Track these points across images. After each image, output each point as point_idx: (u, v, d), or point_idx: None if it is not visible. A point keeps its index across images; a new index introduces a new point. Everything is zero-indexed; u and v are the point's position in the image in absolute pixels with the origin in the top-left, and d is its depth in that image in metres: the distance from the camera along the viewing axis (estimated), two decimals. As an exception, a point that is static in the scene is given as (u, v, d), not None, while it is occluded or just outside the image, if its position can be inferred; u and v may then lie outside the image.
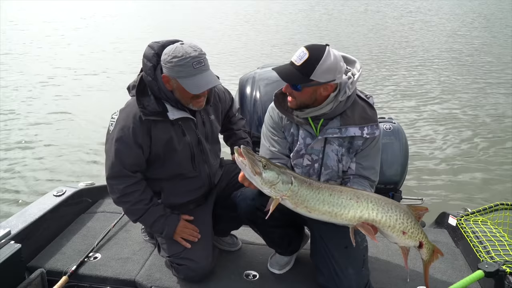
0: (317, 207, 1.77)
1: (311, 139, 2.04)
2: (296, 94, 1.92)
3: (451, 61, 11.42)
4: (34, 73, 9.93)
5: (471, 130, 6.60)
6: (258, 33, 15.96)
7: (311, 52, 1.83)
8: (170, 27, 17.28)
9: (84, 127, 6.69)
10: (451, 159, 5.64)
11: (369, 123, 2.00)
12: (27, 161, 5.58)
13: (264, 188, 1.73)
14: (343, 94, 1.92)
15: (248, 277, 2.35)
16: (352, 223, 1.80)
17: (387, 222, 1.78)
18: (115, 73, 9.83)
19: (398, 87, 8.82)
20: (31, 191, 4.80)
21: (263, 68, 3.55)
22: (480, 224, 2.69)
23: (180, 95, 2.07)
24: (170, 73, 1.99)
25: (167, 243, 2.28)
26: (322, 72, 1.83)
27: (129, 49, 12.38)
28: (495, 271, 2.06)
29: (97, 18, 20.12)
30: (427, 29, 17.06)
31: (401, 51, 12.62)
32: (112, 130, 2.11)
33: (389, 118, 3.28)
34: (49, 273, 2.33)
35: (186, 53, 1.95)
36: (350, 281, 2.07)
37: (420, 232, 1.84)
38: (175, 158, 2.19)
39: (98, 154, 5.65)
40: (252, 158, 1.70)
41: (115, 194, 2.16)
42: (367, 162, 2.07)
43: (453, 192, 4.80)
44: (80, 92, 8.56)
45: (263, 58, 11.34)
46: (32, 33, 15.61)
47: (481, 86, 9.04)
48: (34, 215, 2.57)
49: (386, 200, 1.81)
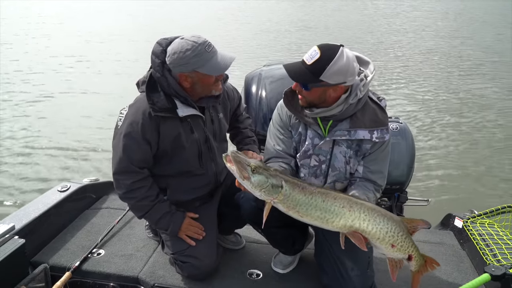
0: (308, 212, 1.76)
1: (319, 139, 2.01)
2: (304, 93, 1.90)
3: (458, 58, 11.35)
4: (37, 64, 9.98)
5: (478, 131, 6.55)
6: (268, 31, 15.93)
7: (323, 52, 1.79)
8: (174, 24, 17.28)
9: (90, 123, 6.69)
10: (458, 160, 5.60)
11: (379, 126, 1.95)
12: (31, 156, 5.60)
13: (255, 192, 1.74)
14: (354, 96, 1.87)
15: (251, 276, 2.33)
16: (343, 231, 1.79)
17: (377, 234, 1.77)
18: (122, 69, 9.84)
19: (404, 85, 8.79)
20: (35, 187, 4.81)
21: (269, 65, 3.54)
22: (487, 227, 2.66)
23: (202, 86, 2.07)
24: (187, 68, 1.99)
25: (171, 240, 2.28)
26: (332, 74, 1.79)
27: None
28: (502, 275, 2.02)
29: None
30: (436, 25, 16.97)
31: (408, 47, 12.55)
32: (121, 125, 2.11)
33: (396, 118, 3.26)
34: (53, 268, 2.33)
35: (195, 43, 1.97)
36: (354, 282, 2.05)
37: (411, 245, 1.82)
38: (182, 155, 2.18)
39: (103, 150, 5.66)
40: (240, 163, 1.72)
41: (122, 189, 2.15)
42: (374, 166, 2.04)
43: (460, 193, 4.77)
44: (87, 88, 8.59)
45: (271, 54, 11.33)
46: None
47: (490, 85, 8.96)
48: (38, 210, 2.57)
49: (380, 211, 1.79)
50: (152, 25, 16.52)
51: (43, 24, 16.66)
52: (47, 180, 4.97)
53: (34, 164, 5.37)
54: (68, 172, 5.17)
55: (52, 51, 11.73)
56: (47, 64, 10.33)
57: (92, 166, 5.34)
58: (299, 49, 12.09)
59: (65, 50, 11.58)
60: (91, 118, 6.85)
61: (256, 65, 6.05)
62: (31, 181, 4.96)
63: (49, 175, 5.10)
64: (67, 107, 7.42)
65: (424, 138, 6.23)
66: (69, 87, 8.62)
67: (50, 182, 4.75)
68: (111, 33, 14.52)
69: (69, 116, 7.00)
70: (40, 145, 5.92)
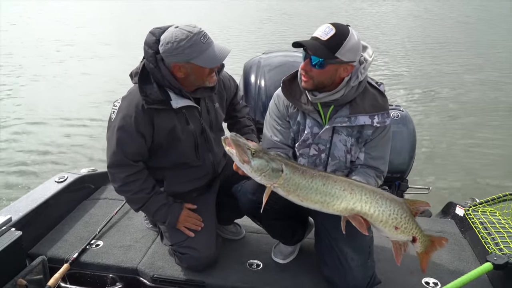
0: (309, 196, 1.73)
1: (318, 128, 1.98)
2: (315, 73, 1.83)
3: (459, 44, 11.27)
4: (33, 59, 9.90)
5: (479, 119, 6.51)
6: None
7: (337, 29, 1.77)
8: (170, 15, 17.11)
9: (87, 113, 6.65)
10: (459, 148, 5.58)
11: (380, 111, 1.93)
12: (28, 146, 5.56)
13: (255, 176, 1.70)
14: (355, 79, 1.86)
15: (251, 266, 2.32)
16: (344, 215, 1.75)
17: (379, 217, 1.73)
18: (119, 59, 9.77)
19: (404, 72, 8.72)
20: (32, 177, 4.78)
21: (268, 53, 3.48)
22: (488, 215, 2.64)
23: (196, 77, 2.02)
24: (181, 58, 1.94)
25: (169, 232, 2.25)
26: (347, 50, 1.77)
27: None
28: (504, 264, 2.01)
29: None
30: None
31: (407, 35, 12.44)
32: (114, 118, 2.07)
33: (397, 106, 3.22)
34: (51, 260, 2.31)
35: (189, 33, 1.91)
36: (355, 272, 2.04)
37: (414, 227, 1.78)
38: (178, 147, 2.15)
39: (100, 139, 5.62)
40: (240, 146, 1.67)
41: (117, 183, 2.12)
42: (376, 152, 2.01)
43: (461, 181, 4.75)
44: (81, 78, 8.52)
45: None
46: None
47: (491, 72, 8.90)
48: (36, 201, 2.54)
49: (382, 193, 1.76)
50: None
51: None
52: (44, 171, 4.93)
53: (31, 155, 5.33)
54: (65, 162, 5.13)
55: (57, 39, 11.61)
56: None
57: (90, 156, 5.30)
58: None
59: (66, 37, 11.47)
60: (90, 107, 6.82)
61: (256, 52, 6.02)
62: (28, 172, 4.93)
63: (46, 166, 5.06)
64: (63, 97, 7.37)
65: (424, 126, 6.19)
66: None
67: (48, 173, 4.72)
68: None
69: (66, 105, 6.96)
70: (37, 135, 5.88)
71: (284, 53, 3.45)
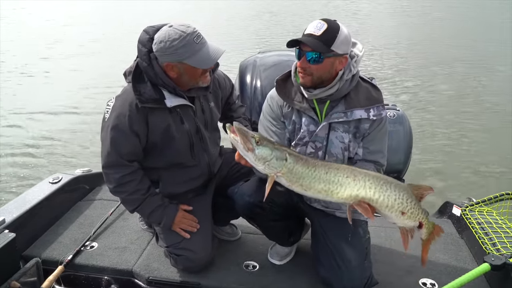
0: (312, 185, 1.71)
1: (314, 126, 1.97)
2: (314, 69, 1.83)
3: (459, 43, 11.28)
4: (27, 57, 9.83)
5: (476, 118, 6.51)
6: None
7: (329, 23, 1.80)
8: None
9: (81, 112, 6.61)
10: (456, 148, 5.57)
11: (375, 104, 1.93)
12: (22, 147, 5.50)
13: (258, 165, 1.69)
14: (348, 72, 1.88)
15: (247, 268, 2.30)
16: (349, 202, 1.74)
17: (385, 202, 1.71)
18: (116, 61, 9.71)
19: (401, 71, 8.73)
20: (26, 178, 4.73)
21: (264, 52, 3.46)
22: (485, 215, 2.63)
23: (189, 78, 2.01)
24: (174, 58, 1.92)
25: (165, 233, 2.23)
26: (341, 43, 1.80)
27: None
28: (502, 264, 2.00)
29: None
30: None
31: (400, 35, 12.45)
32: (108, 117, 2.05)
33: (393, 105, 3.21)
34: (45, 262, 2.29)
35: (183, 33, 1.90)
36: (351, 273, 2.02)
37: (421, 212, 1.77)
38: (173, 147, 2.13)
39: (95, 139, 5.57)
40: (245, 134, 1.66)
41: (111, 183, 2.10)
42: (374, 146, 2.00)
43: (457, 181, 4.74)
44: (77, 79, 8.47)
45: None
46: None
47: (488, 70, 8.91)
48: (29, 203, 2.52)
49: (386, 178, 1.74)
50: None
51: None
52: (38, 171, 4.88)
53: (24, 156, 5.27)
54: (60, 163, 5.08)
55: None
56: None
57: (85, 157, 5.25)
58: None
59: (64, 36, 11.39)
60: (84, 108, 6.77)
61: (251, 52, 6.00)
62: (22, 173, 4.87)
63: (40, 167, 5.01)
64: (58, 98, 7.31)
65: (420, 125, 6.19)
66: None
67: (42, 174, 4.67)
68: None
69: (60, 106, 6.90)
70: (31, 136, 5.82)
71: (280, 52, 3.44)
